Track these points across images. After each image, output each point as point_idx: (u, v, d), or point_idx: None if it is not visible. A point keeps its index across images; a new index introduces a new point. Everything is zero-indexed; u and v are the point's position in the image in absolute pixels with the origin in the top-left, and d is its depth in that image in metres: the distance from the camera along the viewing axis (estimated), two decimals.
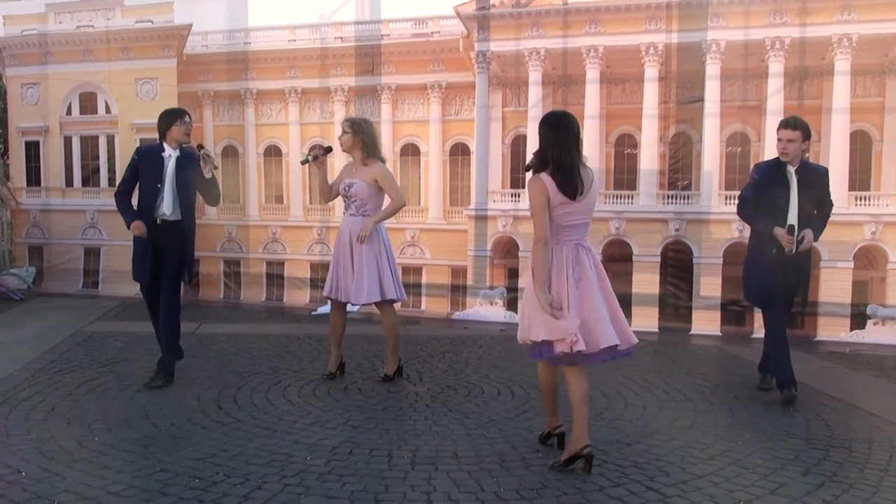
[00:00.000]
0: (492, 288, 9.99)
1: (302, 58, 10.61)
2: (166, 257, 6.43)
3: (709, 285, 9.15)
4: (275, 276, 10.93)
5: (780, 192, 6.03)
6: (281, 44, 10.66)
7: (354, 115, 9.27)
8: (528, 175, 4.89)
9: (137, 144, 10.95)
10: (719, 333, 9.10)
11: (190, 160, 6.38)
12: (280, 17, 10.59)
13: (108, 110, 11.04)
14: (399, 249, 10.24)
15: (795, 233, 5.93)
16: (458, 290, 10.17)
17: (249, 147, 10.95)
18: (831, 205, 6.28)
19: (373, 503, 4.30)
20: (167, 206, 6.35)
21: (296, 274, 10.76)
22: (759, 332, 8.94)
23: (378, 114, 10.35)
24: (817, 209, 6.16)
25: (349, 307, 7.35)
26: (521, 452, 5.11)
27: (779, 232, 5.98)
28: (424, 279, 10.10)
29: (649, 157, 9.34)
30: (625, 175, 9.63)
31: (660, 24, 9.11)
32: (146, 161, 6.45)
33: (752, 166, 9.21)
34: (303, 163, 6.90)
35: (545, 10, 9.53)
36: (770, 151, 8.88)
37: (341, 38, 10.42)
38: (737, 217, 8.98)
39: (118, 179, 6.87)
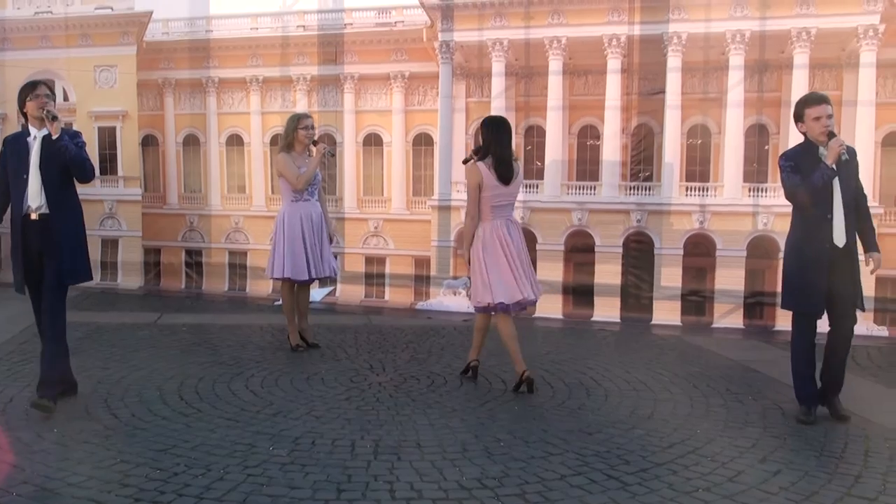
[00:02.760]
0: (455, 278, 10.01)
1: (264, 46, 10.57)
2: (45, 259, 5.55)
3: (670, 276, 9.24)
4: (237, 266, 10.90)
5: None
6: (243, 32, 10.61)
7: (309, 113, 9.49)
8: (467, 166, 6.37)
9: (96, 132, 10.91)
10: (679, 323, 9.19)
11: (60, 140, 5.45)
12: (242, 5, 10.55)
13: (66, 98, 10.91)
14: (362, 240, 10.25)
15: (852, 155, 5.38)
16: (421, 281, 10.19)
17: (211, 136, 10.88)
18: (864, 196, 5.70)
19: (335, 493, 4.31)
20: (32, 197, 5.46)
21: (259, 264, 10.70)
22: (721, 322, 9.08)
23: (341, 103, 10.33)
24: (855, 201, 5.51)
25: (313, 297, 7.64)
26: (484, 442, 5.14)
27: (834, 143, 5.30)
28: (388, 269, 10.11)
29: (612, 149, 9.41)
30: (587, 166, 9.71)
31: (622, 15, 9.17)
32: (12, 150, 5.59)
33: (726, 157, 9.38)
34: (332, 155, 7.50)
35: (508, 1, 9.55)
36: (731, 143, 9.02)
37: (303, 26, 10.38)
38: (697, 208, 9.14)
39: None
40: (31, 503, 4.13)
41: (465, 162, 6.57)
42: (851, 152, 5.52)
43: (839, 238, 5.41)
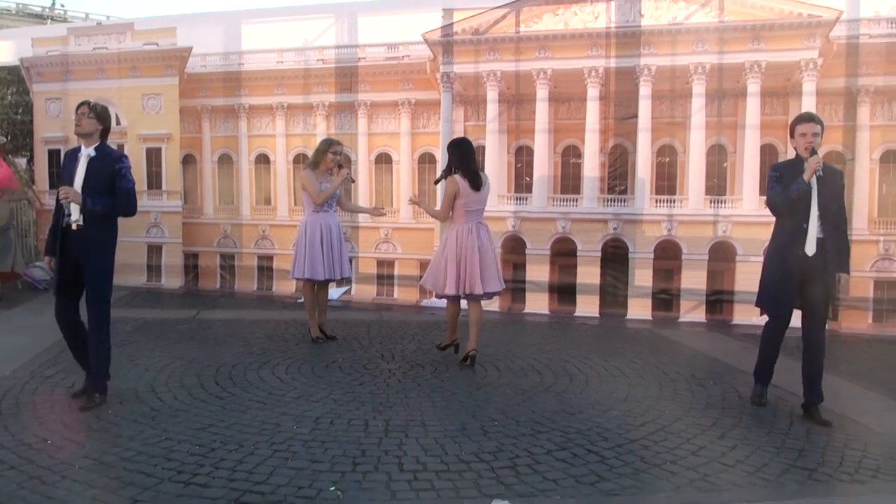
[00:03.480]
0: None
1: (288, 77, 10.57)
2: (84, 269, 5.29)
3: (642, 276, 9.24)
4: (265, 269, 10.90)
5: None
6: (270, 65, 10.60)
7: (328, 135, 9.60)
8: (439, 186, 7.11)
9: (144, 152, 10.96)
10: (650, 318, 9.20)
11: (103, 161, 5.27)
12: (269, 42, 10.55)
13: (118, 122, 10.93)
14: (374, 245, 10.25)
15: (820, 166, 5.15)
16: None
17: (242, 155, 10.89)
18: (845, 219, 5.47)
19: (351, 466, 4.35)
20: (74, 208, 5.21)
21: (283, 267, 10.71)
22: (686, 316, 9.10)
23: (355, 127, 10.34)
24: (833, 222, 5.28)
25: (331, 295, 7.76)
26: (480, 421, 5.17)
27: (813, 160, 5.14)
28: (396, 271, 10.11)
29: (591, 166, 9.41)
30: (570, 181, 9.68)
31: (600, 50, 9.19)
32: (68, 161, 5.40)
33: (675, 168, 9.40)
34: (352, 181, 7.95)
35: (501, 38, 9.56)
36: (694, 161, 9.04)
37: (323, 60, 10.38)
38: (665, 218, 9.16)
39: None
40: (90, 475, 4.17)
41: (436, 182, 7.25)
42: (837, 173, 5.44)
43: (810, 248, 5.22)
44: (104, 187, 5.26)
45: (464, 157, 6.78)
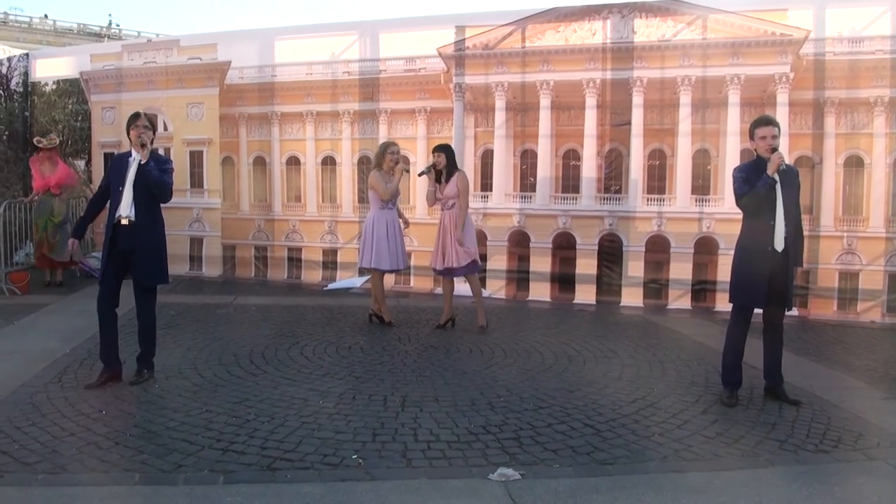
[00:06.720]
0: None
1: (317, 87, 10.56)
2: (130, 262, 5.36)
3: (635, 268, 9.20)
4: (294, 260, 10.90)
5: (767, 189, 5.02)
6: (300, 77, 10.58)
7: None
8: (456, 176, 7.40)
9: (187, 155, 11.02)
10: (642, 305, 9.18)
11: (147, 165, 5.30)
12: (300, 56, 10.54)
13: (165, 128, 10.98)
14: None
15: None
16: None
17: (275, 158, 10.89)
18: (801, 216, 5.27)
19: (371, 437, 4.37)
20: (124, 207, 5.28)
21: (311, 258, 10.75)
22: (675, 303, 9.06)
23: (377, 132, 10.31)
24: (794, 218, 5.11)
25: (354, 283, 7.76)
26: (488, 397, 5.19)
27: (776, 156, 4.96)
28: (413, 262, 10.11)
29: (589, 168, 9.37)
30: (570, 181, 9.63)
31: (597, 63, 9.15)
32: (115, 166, 5.47)
33: (669, 170, 9.36)
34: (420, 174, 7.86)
35: (508, 52, 9.53)
36: (681, 164, 9.00)
37: (348, 72, 10.36)
38: (655, 215, 9.13)
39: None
40: (140, 441, 4.22)
41: (420, 174, 7.75)
42: (794, 173, 5.25)
43: (779, 243, 5.02)
44: (151, 187, 5.34)
45: (455, 160, 7.56)
